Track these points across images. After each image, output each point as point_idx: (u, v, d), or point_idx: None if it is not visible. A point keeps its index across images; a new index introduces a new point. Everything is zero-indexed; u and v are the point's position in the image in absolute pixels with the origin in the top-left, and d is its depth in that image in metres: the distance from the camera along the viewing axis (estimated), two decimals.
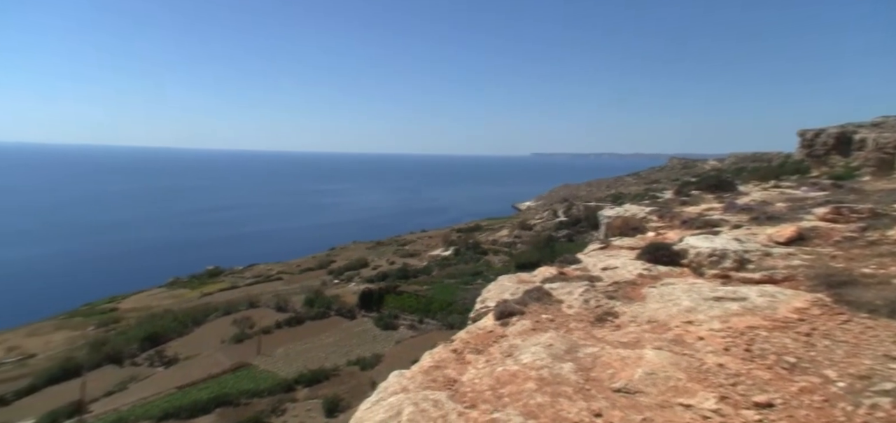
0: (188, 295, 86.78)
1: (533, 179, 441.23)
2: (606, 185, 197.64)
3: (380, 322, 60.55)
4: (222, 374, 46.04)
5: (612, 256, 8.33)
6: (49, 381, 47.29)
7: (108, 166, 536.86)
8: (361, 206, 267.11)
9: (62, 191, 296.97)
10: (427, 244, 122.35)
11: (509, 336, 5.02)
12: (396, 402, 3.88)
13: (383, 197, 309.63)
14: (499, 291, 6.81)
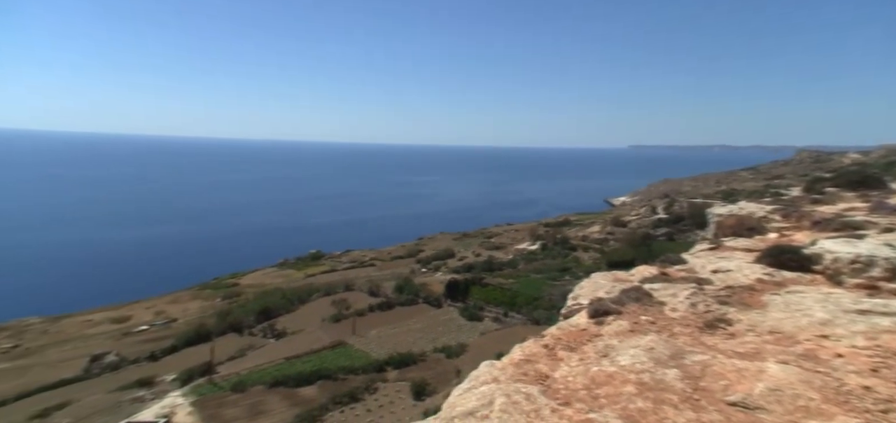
0: (295, 275, 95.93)
1: (629, 173, 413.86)
2: (716, 180, 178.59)
3: (465, 313, 61.46)
4: (322, 350, 50.22)
5: (723, 257, 7.54)
6: (187, 343, 55.49)
7: (221, 158, 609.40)
8: (449, 197, 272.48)
9: (186, 179, 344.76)
10: (513, 238, 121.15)
11: (604, 336, 4.80)
12: (488, 391, 3.92)
13: (470, 189, 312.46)
14: (592, 288, 6.53)
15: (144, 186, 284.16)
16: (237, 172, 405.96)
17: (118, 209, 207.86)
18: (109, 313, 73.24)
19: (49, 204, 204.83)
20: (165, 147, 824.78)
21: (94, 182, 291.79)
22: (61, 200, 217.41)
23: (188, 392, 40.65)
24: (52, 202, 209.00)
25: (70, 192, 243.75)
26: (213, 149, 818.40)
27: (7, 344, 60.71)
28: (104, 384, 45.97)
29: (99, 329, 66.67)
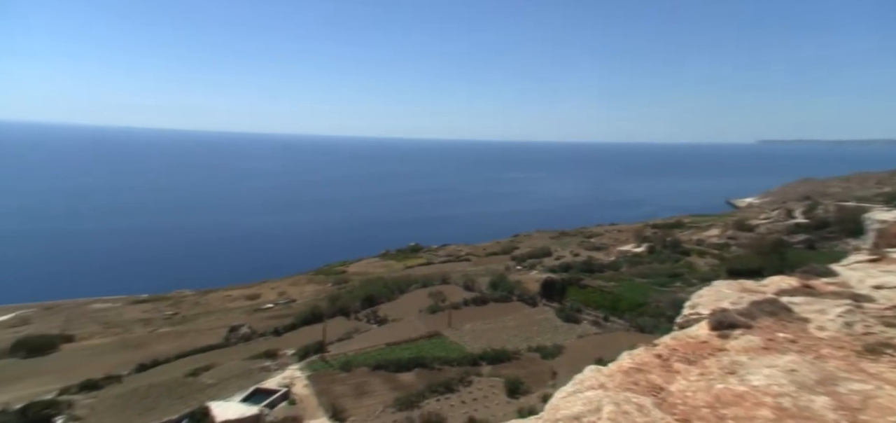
0: (395, 266, 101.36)
1: (758, 171, 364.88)
2: (877, 180, 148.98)
3: (561, 313, 59.49)
4: (419, 339, 52.43)
5: (889, 271, 6.29)
6: (304, 322, 61.85)
7: (329, 154, 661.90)
8: (548, 194, 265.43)
9: (299, 173, 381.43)
10: (616, 238, 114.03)
11: (730, 351, 4.32)
12: (594, 397, 3.76)
13: (571, 186, 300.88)
14: (714, 297, 5.90)
15: (268, 180, 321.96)
16: (343, 168, 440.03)
17: (249, 200, 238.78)
18: (244, 291, 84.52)
19: (201, 194, 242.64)
20: (279, 143, 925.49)
21: (230, 176, 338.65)
22: (206, 191, 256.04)
23: (304, 367, 45.29)
24: (201, 193, 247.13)
25: (215, 184, 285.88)
26: (322, 146, 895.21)
27: (169, 311, 73.37)
28: (239, 352, 53.23)
29: (236, 304, 77.32)
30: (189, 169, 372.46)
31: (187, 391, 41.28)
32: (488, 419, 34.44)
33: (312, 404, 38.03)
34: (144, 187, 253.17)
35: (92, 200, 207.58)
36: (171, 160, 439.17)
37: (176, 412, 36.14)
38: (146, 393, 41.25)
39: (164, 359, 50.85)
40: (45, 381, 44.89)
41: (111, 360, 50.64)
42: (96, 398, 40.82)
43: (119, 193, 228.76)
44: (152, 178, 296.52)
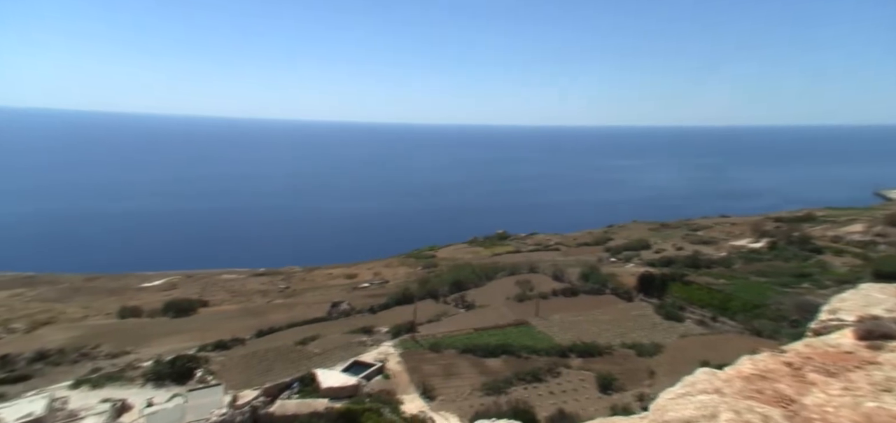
0: (483, 253, 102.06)
1: None
2: None
3: (661, 310, 55.32)
4: (506, 326, 52.43)
5: None
6: (396, 302, 65.25)
7: (417, 141, 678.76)
8: (648, 183, 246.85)
9: (390, 161, 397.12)
10: (728, 232, 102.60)
11: (884, 365, 3.69)
12: (709, 402, 3.47)
13: (676, 175, 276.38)
14: (862, 302, 5.06)
15: (362, 168, 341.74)
16: (431, 156, 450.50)
17: (347, 186, 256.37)
18: (343, 270, 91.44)
19: (303, 180, 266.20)
20: (363, 131, 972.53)
21: (327, 163, 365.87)
22: (307, 177, 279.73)
23: (397, 345, 47.88)
24: (303, 179, 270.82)
25: (312, 171, 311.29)
26: (407, 133, 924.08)
27: (282, 285, 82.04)
28: (339, 326, 57.89)
29: (336, 282, 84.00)
30: (287, 156, 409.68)
31: (297, 358, 46.01)
32: (578, 412, 33.45)
33: (404, 380, 40.10)
34: (255, 175, 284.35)
35: (215, 184, 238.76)
36: (269, 149, 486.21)
37: (288, 375, 40.45)
38: (264, 356, 46.79)
39: (278, 327, 57.12)
40: (188, 338, 53.05)
41: (237, 324, 58.17)
42: (226, 357, 47.30)
43: (232, 179, 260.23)
44: (260, 166, 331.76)
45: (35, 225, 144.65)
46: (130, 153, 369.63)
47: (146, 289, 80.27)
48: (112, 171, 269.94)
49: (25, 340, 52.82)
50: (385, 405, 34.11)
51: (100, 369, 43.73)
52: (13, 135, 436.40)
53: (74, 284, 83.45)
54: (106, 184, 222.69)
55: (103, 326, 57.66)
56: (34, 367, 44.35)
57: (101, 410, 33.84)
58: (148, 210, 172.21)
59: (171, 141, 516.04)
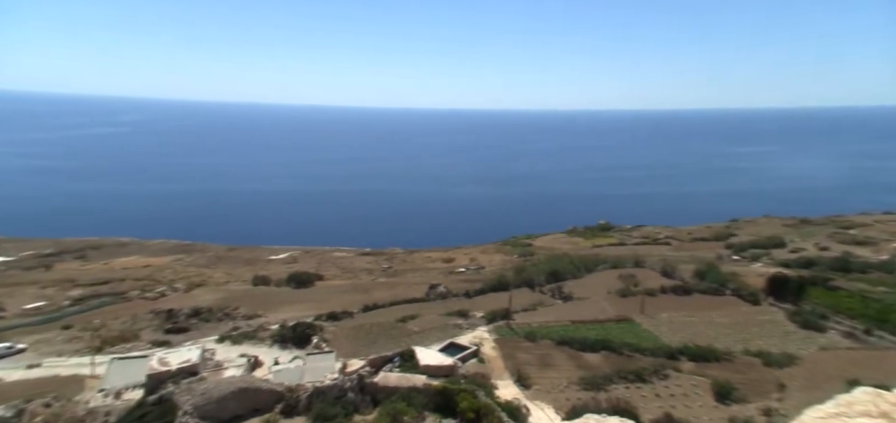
0: (582, 244, 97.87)
1: None
2: None
3: (797, 317, 48.09)
4: (607, 321, 49.84)
5: None
6: (491, 288, 65.74)
7: (518, 127, 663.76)
8: (784, 173, 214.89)
9: (489, 148, 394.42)
10: (893, 232, 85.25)
11: None
12: None
13: (822, 164, 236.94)
14: None
15: (460, 154, 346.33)
16: (531, 142, 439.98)
17: (444, 172, 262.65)
18: (441, 254, 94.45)
19: (405, 164, 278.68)
20: (461, 118, 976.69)
21: (425, 149, 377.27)
22: (409, 162, 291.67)
23: (492, 330, 48.35)
24: (405, 164, 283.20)
25: (407, 156, 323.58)
26: (509, 120, 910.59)
27: (385, 264, 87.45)
28: (436, 308, 60.11)
29: (434, 265, 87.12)
30: (391, 142, 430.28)
31: (398, 334, 48.91)
32: (689, 419, 30.73)
33: (499, 366, 40.41)
34: (361, 160, 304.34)
35: (328, 168, 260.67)
36: (374, 136, 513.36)
37: (390, 350, 43.25)
38: (369, 330, 50.53)
39: (381, 304, 61.17)
40: (306, 307, 59.34)
41: (346, 298, 63.54)
42: (337, 327, 52.02)
43: (343, 164, 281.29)
44: (366, 152, 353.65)
45: (189, 201, 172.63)
46: (254, 140, 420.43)
47: (273, 261, 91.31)
48: (242, 155, 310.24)
49: (184, 298, 63.59)
50: (480, 388, 34.77)
51: (238, 328, 50.99)
52: (165, 126, 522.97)
53: (219, 253, 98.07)
54: (239, 167, 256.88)
55: (241, 291, 67.04)
56: (191, 321, 53.26)
57: (240, 363, 39.50)
58: (275, 191, 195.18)
59: (289, 129, 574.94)
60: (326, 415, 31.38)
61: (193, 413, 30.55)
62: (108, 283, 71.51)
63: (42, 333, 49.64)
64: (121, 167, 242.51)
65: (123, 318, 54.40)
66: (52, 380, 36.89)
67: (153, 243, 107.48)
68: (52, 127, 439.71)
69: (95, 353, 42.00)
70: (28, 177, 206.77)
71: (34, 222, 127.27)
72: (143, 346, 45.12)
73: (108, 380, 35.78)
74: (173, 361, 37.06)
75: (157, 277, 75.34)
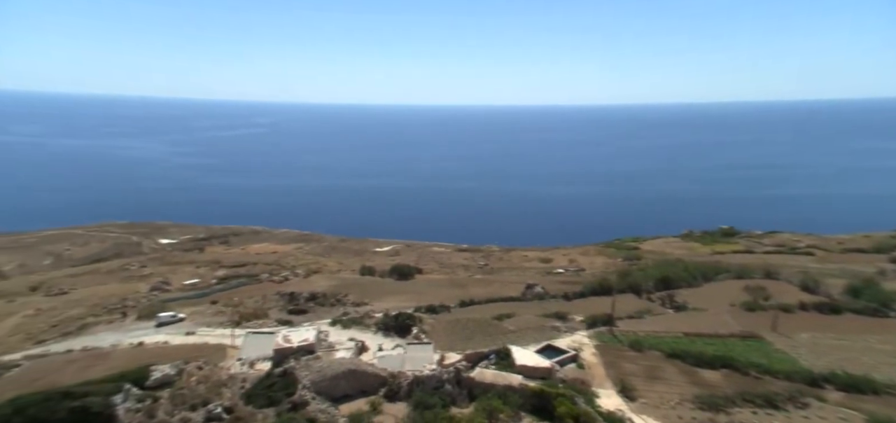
0: (699, 249, 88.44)
1: None
2: None
3: None
4: (729, 337, 44.43)
5: None
6: (592, 292, 62.63)
7: (623, 124, 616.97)
8: None
9: (594, 145, 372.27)
10: None
11: None
12: None
13: None
14: None
15: (561, 150, 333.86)
16: (638, 139, 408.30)
17: (543, 170, 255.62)
18: (538, 253, 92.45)
19: (504, 162, 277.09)
20: (564, 114, 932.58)
21: (524, 147, 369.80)
22: (515, 160, 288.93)
23: (592, 335, 46.09)
24: (504, 161, 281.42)
25: (523, 153, 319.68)
26: (616, 115, 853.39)
27: (482, 261, 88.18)
28: (533, 308, 58.99)
29: (531, 264, 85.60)
30: (488, 141, 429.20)
31: (494, 332, 49.02)
32: None
33: (600, 373, 38.40)
34: (459, 158, 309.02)
35: (427, 166, 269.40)
36: (473, 133, 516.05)
37: (486, 346, 43.55)
38: (466, 325, 51.41)
39: (477, 300, 61.82)
40: (406, 299, 62.34)
41: (444, 293, 65.42)
42: (435, 320, 53.81)
43: (441, 162, 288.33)
44: (463, 149, 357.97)
45: (309, 196, 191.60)
46: (366, 139, 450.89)
47: (378, 253, 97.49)
48: (356, 153, 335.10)
49: (303, 283, 70.83)
50: (579, 395, 33.41)
51: (348, 313, 55.38)
52: (293, 127, 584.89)
53: (332, 243, 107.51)
54: (353, 164, 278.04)
55: (350, 279, 72.72)
56: (308, 304, 59.15)
57: (349, 346, 42.90)
58: (382, 187, 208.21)
59: (397, 128, 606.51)
60: (425, 404, 32.67)
61: (311, 388, 33.95)
62: (245, 266, 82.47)
63: (196, 306, 58.99)
64: (256, 164, 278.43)
65: (256, 297, 62.33)
66: (203, 347, 43.69)
67: (279, 231, 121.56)
68: (196, 129, 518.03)
69: (234, 326, 48.78)
70: (184, 171, 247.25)
71: (191, 210, 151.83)
72: (271, 323, 51.20)
73: (244, 351, 41.33)
74: (294, 339, 41.52)
75: (282, 262, 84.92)
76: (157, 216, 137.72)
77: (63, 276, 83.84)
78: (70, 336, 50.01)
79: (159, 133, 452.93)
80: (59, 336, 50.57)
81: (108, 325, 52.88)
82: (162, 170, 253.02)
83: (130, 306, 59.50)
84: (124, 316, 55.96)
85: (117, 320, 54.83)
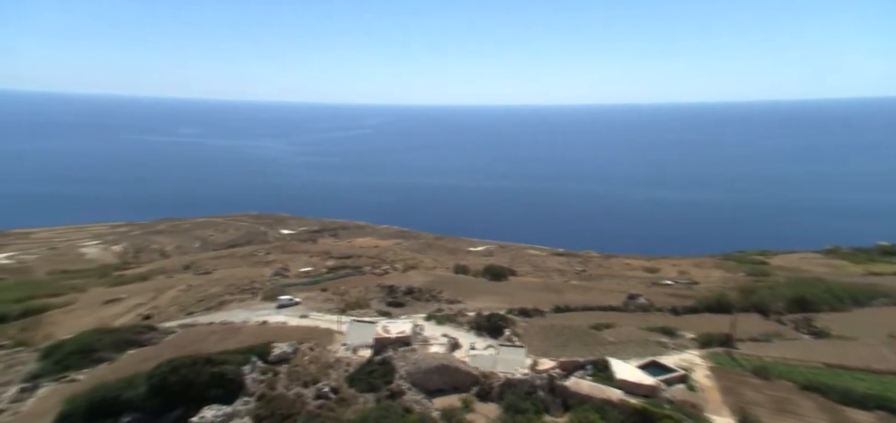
0: (848, 268, 74.82)
1: None
2: None
3: None
4: (888, 373, 36.89)
5: None
6: (707, 308, 56.39)
7: (755, 123, 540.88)
8: None
9: (710, 147, 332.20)
10: None
11: None
12: None
13: None
14: None
15: (668, 151, 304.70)
16: (772, 138, 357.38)
17: (656, 173, 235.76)
18: (643, 262, 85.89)
19: (606, 165, 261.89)
20: (698, 113, 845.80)
21: (631, 147, 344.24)
22: (608, 162, 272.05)
23: (707, 356, 41.53)
24: (606, 165, 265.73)
25: (628, 155, 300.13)
26: (737, 112, 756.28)
27: (579, 267, 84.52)
28: (635, 320, 54.95)
29: (634, 273, 79.83)
30: (592, 142, 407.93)
31: (591, 341, 46.67)
32: None
33: (715, 398, 34.50)
34: (559, 159, 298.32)
35: (528, 167, 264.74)
36: (575, 134, 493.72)
37: (581, 356, 41.64)
38: (560, 331, 49.71)
39: (573, 307, 59.37)
40: (499, 300, 62.18)
41: (537, 296, 63.97)
42: (528, 323, 52.88)
43: (542, 163, 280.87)
44: (565, 150, 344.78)
45: (408, 194, 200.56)
46: (465, 139, 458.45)
47: (472, 252, 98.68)
48: (452, 152, 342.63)
49: (401, 277, 74.45)
50: (688, 419, 30.39)
51: (441, 310, 56.93)
52: (398, 128, 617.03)
53: (428, 240, 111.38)
54: (450, 163, 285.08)
55: (445, 277, 74.66)
56: (405, 298, 62.04)
57: (442, 342, 44.10)
58: (477, 187, 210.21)
59: (489, 128, 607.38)
60: (517, 408, 32.30)
61: (406, 378, 35.59)
62: (350, 258, 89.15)
63: (309, 292, 65.26)
64: (362, 163, 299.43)
65: (359, 288, 67.04)
66: (314, 330, 48.20)
67: (381, 227, 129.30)
68: (317, 131, 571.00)
69: (341, 313, 52.97)
70: (303, 170, 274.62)
71: (306, 205, 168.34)
72: (372, 313, 54.65)
73: (349, 337, 44.71)
74: (393, 330, 43.85)
75: (383, 257, 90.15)
76: (279, 209, 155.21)
77: (207, 258, 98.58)
78: (212, 310, 58.63)
79: (286, 135, 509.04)
80: (203, 310, 59.59)
81: (240, 303, 60.89)
82: (285, 167, 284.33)
83: (257, 288, 67.84)
84: (253, 296, 63.97)
85: (247, 299, 62.88)
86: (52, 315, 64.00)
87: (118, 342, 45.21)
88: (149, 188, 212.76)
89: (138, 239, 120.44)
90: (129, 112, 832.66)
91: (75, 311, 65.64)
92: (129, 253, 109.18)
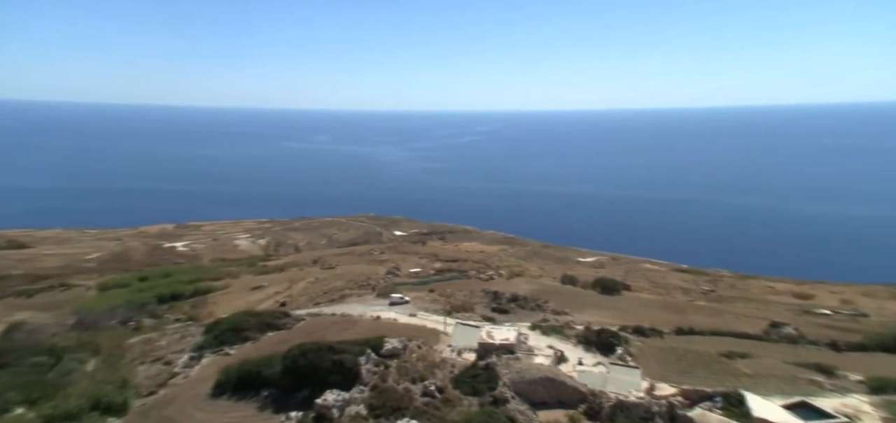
0: None
1: None
2: None
3: None
4: None
5: None
6: (880, 346, 46.20)
7: None
8: None
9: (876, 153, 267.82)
10: None
11: None
12: None
13: None
14: None
15: (835, 159, 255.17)
16: None
17: (800, 184, 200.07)
18: (791, 286, 73.50)
19: (739, 174, 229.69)
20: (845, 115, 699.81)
21: (767, 156, 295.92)
22: (744, 171, 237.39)
23: (880, 404, 33.99)
24: (740, 173, 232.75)
25: (769, 162, 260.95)
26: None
27: (706, 286, 75.46)
28: (780, 352, 47.12)
29: (779, 298, 68.70)
30: (720, 147, 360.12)
31: (720, 370, 41.21)
32: None
33: None
34: (682, 165, 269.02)
35: (634, 174, 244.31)
36: (694, 139, 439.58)
37: (708, 385, 36.97)
38: (683, 356, 44.77)
39: (699, 330, 53.08)
40: (610, 315, 58.30)
41: (655, 315, 58.58)
42: (643, 343, 48.65)
43: (654, 170, 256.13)
44: (684, 157, 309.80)
45: (515, 199, 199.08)
46: (574, 146, 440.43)
47: (581, 263, 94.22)
48: (563, 159, 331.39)
49: (506, 283, 74.10)
50: None
51: (547, 320, 55.28)
52: (508, 134, 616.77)
53: (535, 248, 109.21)
54: (559, 170, 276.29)
55: (551, 286, 72.44)
56: (510, 305, 61.55)
57: (548, 353, 42.78)
58: (589, 195, 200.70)
59: (603, 134, 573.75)
60: None
61: (510, 387, 35.25)
62: (457, 261, 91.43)
63: (417, 292, 68.44)
64: (471, 168, 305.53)
65: (465, 292, 68.35)
66: (421, 329, 50.34)
67: (487, 233, 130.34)
68: (430, 137, 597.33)
69: (446, 315, 54.54)
70: (416, 174, 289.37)
71: (417, 208, 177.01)
72: (476, 318, 55.25)
73: (454, 339, 45.78)
74: (497, 336, 43.77)
75: (488, 262, 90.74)
76: (393, 211, 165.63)
77: (332, 254, 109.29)
78: (334, 303, 64.78)
79: (402, 142, 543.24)
80: (327, 301, 66.12)
81: (358, 298, 66.26)
82: (400, 171, 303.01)
83: (372, 285, 73.20)
84: (368, 292, 69.22)
85: (363, 294, 68.22)
86: (214, 296, 76.51)
87: (261, 325, 52.42)
88: (289, 189, 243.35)
89: (278, 234, 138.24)
90: (271, 119, 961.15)
91: (230, 294, 77.61)
92: (270, 246, 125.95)
